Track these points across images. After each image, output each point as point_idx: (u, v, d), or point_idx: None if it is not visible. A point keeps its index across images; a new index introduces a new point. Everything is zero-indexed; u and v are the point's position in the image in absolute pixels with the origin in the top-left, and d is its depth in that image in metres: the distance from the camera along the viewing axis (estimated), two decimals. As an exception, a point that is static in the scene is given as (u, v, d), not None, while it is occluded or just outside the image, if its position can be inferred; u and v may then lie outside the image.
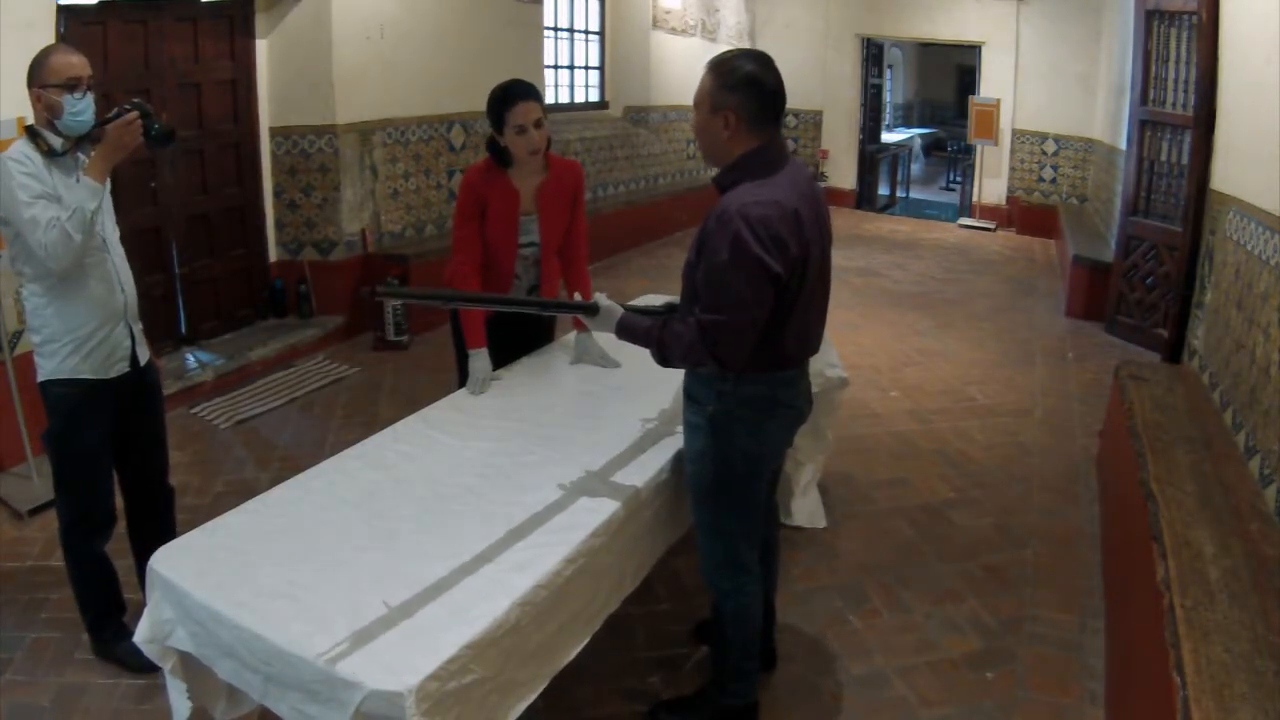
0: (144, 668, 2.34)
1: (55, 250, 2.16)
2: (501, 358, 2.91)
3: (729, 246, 1.84)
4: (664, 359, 2.01)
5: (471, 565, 1.83)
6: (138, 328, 2.48)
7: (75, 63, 2.21)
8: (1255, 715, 1.59)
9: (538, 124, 2.65)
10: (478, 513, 2.05)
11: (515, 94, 2.64)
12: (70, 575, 2.55)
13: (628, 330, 2.07)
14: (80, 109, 2.21)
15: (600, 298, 2.12)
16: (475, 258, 2.79)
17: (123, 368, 2.42)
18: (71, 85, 2.19)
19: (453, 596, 1.73)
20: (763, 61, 1.94)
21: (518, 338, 2.99)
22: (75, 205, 2.16)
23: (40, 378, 2.37)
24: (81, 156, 2.27)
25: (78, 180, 2.21)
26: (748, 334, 1.90)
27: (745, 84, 1.91)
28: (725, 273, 1.85)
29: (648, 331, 2.03)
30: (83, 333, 2.32)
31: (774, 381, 2.04)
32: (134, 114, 2.19)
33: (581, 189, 2.92)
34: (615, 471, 2.24)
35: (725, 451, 2.06)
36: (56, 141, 2.23)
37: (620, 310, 2.10)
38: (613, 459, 2.30)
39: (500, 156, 2.74)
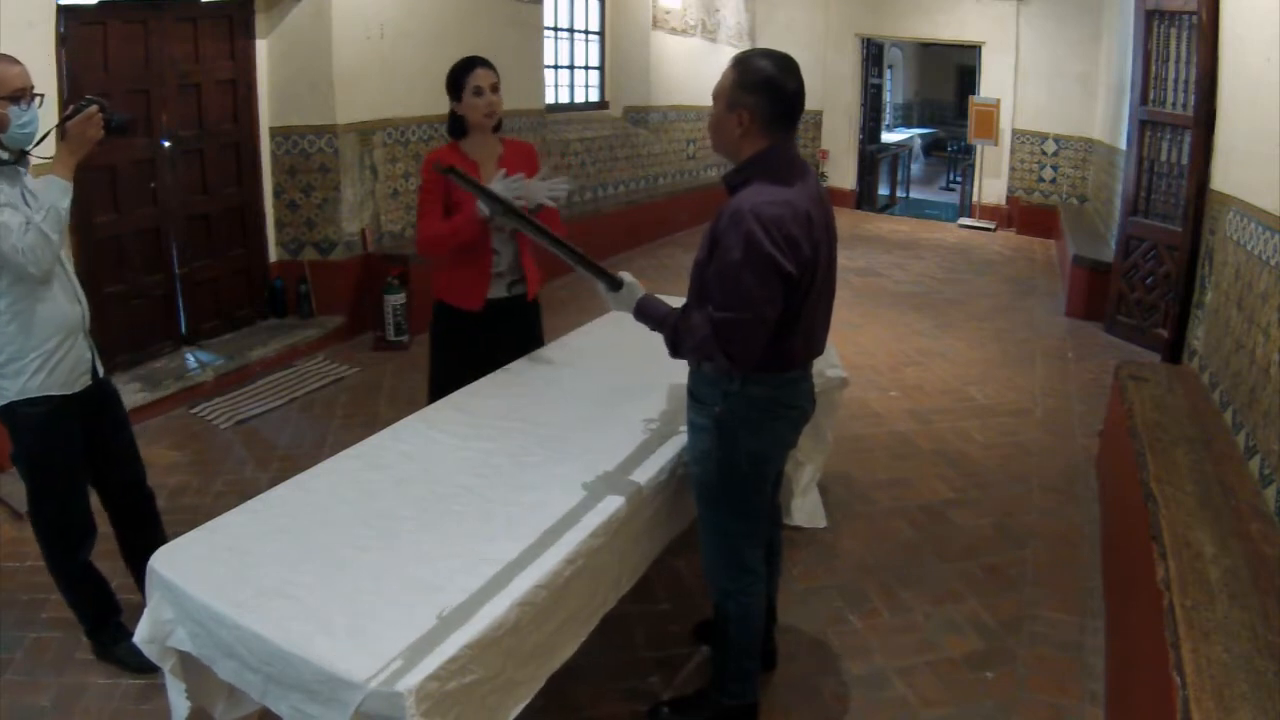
0: (144, 668, 2.34)
1: (35, 252, 2.13)
2: (489, 358, 2.92)
3: (742, 245, 1.84)
4: (675, 347, 2.00)
5: (471, 565, 1.82)
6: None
7: (18, 73, 2.18)
8: (1255, 715, 1.59)
9: (494, 89, 2.80)
10: (478, 513, 2.05)
11: (477, 61, 2.81)
12: (62, 590, 2.55)
13: (645, 313, 2.06)
14: (27, 120, 2.20)
15: (625, 276, 2.09)
16: (440, 214, 2.80)
17: (85, 381, 2.40)
18: (16, 97, 2.17)
19: (453, 596, 1.73)
20: (786, 65, 1.94)
21: (506, 344, 2.98)
22: (48, 205, 2.15)
23: (2, 401, 2.30)
24: (21, 169, 2.25)
25: (22, 194, 2.20)
26: (760, 332, 1.90)
27: (764, 85, 1.91)
28: (738, 271, 1.85)
29: (664, 318, 2.02)
30: (48, 348, 2.28)
31: (779, 382, 2.05)
32: (93, 108, 2.19)
33: (538, 163, 2.99)
34: (615, 471, 2.24)
35: (730, 452, 2.06)
36: (3, 153, 2.21)
37: (642, 292, 2.08)
38: (613, 459, 2.30)
39: (457, 126, 2.86)
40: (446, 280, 2.93)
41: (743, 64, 1.95)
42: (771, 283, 1.86)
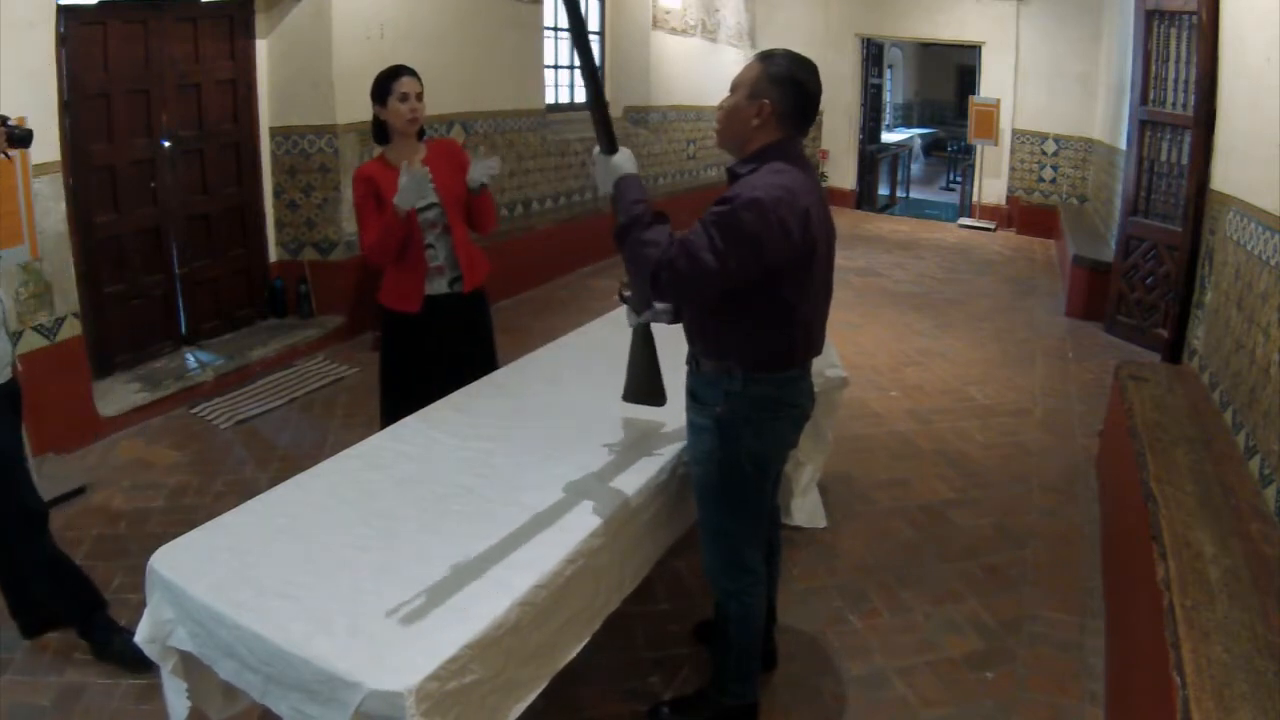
0: (141, 665, 2.33)
1: None
2: (436, 357, 2.94)
3: (732, 213, 1.85)
4: (623, 235, 1.93)
5: (471, 565, 1.82)
6: None
7: None
8: (1255, 715, 1.59)
9: (419, 96, 2.87)
10: (478, 513, 2.05)
11: (404, 70, 2.88)
12: (48, 589, 2.53)
13: (621, 190, 1.97)
14: None
15: (624, 149, 2.01)
16: (379, 219, 2.83)
17: (7, 374, 2.43)
18: None
19: (453, 596, 1.73)
20: (811, 67, 1.99)
21: (452, 340, 2.98)
22: None
23: None
24: None
25: None
26: (704, 285, 1.87)
27: (790, 81, 1.95)
28: (720, 230, 1.84)
29: (636, 202, 1.94)
30: None
31: (780, 381, 2.05)
32: None
33: (464, 156, 3.03)
34: (615, 472, 2.24)
35: (732, 452, 2.06)
36: None
37: (634, 171, 2.00)
38: (613, 459, 2.30)
39: (380, 133, 2.92)
40: (387, 284, 2.96)
41: (770, 58, 1.98)
42: (743, 256, 1.84)
